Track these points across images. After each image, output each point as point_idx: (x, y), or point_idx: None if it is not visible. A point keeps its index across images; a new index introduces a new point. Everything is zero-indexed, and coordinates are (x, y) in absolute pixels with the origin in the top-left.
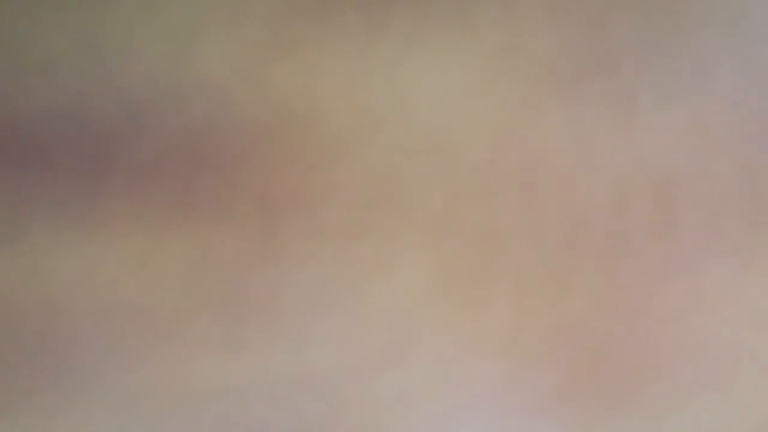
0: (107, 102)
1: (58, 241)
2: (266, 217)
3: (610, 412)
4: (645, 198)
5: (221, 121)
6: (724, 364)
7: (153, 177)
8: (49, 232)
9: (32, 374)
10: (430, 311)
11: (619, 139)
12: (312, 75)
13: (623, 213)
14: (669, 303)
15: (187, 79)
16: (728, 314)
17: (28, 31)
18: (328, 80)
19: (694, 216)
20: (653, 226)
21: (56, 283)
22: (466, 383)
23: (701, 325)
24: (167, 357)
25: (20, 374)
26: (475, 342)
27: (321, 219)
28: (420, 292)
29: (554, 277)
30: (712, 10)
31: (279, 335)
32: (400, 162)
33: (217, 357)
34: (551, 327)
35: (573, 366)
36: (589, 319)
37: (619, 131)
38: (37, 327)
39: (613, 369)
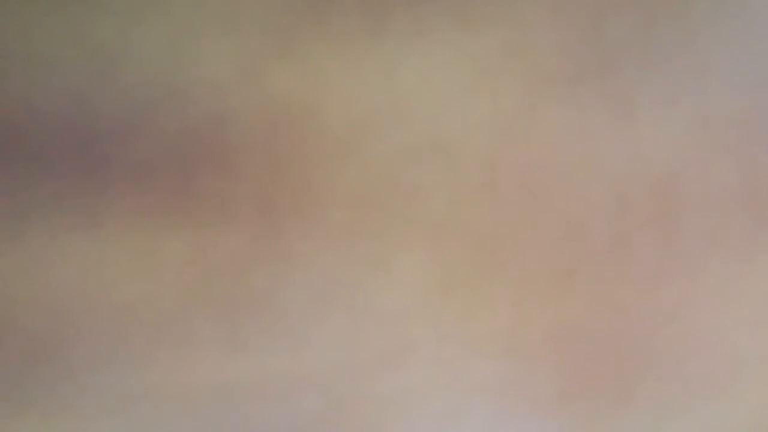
0: (107, 102)
1: (58, 241)
2: (266, 217)
3: (609, 412)
4: (645, 198)
5: (221, 121)
6: (724, 364)
7: (153, 177)
8: (49, 232)
9: (32, 374)
10: (430, 311)
11: (619, 139)
12: (312, 75)
13: (623, 213)
14: (669, 302)
15: (186, 79)
16: (728, 314)
17: (28, 32)
18: (328, 80)
19: (695, 215)
20: (653, 226)
21: (56, 283)
22: (466, 383)
23: (701, 325)
24: (167, 357)
25: (20, 374)
26: (475, 342)
27: (321, 219)
28: (420, 292)
29: (554, 277)
30: (712, 10)
31: (279, 335)
32: (400, 162)
33: (217, 357)
34: (551, 327)
35: (573, 366)
36: (589, 319)
37: (619, 131)
38: (37, 327)
39: (613, 369)
